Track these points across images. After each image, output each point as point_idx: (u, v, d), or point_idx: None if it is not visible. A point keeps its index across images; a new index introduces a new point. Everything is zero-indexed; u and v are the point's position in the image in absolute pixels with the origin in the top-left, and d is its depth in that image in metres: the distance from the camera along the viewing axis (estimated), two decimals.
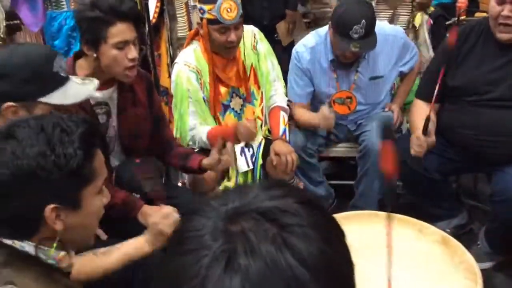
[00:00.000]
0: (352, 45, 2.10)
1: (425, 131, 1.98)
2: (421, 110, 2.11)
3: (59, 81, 1.36)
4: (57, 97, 1.34)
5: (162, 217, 1.49)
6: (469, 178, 2.66)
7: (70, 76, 1.41)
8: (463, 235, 2.33)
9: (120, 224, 1.76)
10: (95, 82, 1.45)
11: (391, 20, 2.56)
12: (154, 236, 1.45)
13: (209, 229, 0.54)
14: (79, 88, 1.40)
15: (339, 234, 0.59)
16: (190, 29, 2.86)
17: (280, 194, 0.57)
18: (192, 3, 2.79)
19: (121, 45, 1.63)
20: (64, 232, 0.98)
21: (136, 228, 1.75)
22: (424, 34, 2.75)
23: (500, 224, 2.04)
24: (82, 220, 1.00)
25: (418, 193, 2.34)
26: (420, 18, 2.69)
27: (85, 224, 1.03)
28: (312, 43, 2.35)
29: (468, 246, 2.16)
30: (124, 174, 1.83)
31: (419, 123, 2.03)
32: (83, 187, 0.98)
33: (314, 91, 2.39)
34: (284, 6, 3.33)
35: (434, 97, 1.94)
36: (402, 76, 2.46)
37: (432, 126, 2.01)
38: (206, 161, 1.86)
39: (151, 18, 2.70)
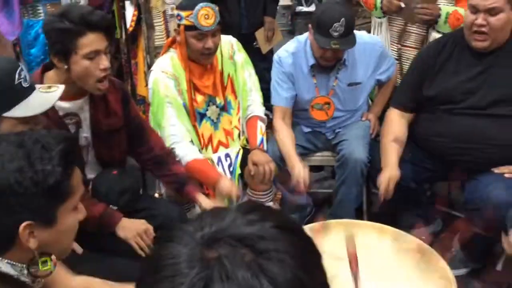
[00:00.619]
0: (332, 43, 2.13)
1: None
2: (392, 121, 2.16)
3: (22, 94, 1.34)
4: (21, 110, 1.33)
5: None
6: (443, 185, 2.71)
7: (35, 86, 1.40)
8: (438, 242, 2.38)
9: (97, 237, 1.74)
10: (61, 87, 1.43)
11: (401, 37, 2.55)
12: None
13: (185, 256, 0.53)
14: (44, 97, 1.38)
15: (316, 258, 0.59)
16: (167, 37, 2.85)
17: (257, 218, 0.56)
18: (169, 12, 2.79)
19: (93, 55, 1.61)
20: (38, 250, 0.97)
21: (113, 242, 1.74)
22: None
23: (474, 232, 2.08)
24: (56, 237, 0.99)
25: (393, 201, 2.38)
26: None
27: (59, 241, 1.01)
28: (293, 49, 2.37)
29: (443, 253, 2.22)
30: (101, 186, 1.81)
31: (388, 160, 2.10)
32: (59, 204, 0.97)
33: (296, 95, 2.41)
34: (263, 13, 3.36)
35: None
36: (380, 85, 2.50)
37: (392, 155, 2.09)
38: (201, 199, 1.91)
39: (128, 26, 2.69)
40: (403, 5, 2.37)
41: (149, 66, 2.92)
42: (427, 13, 2.32)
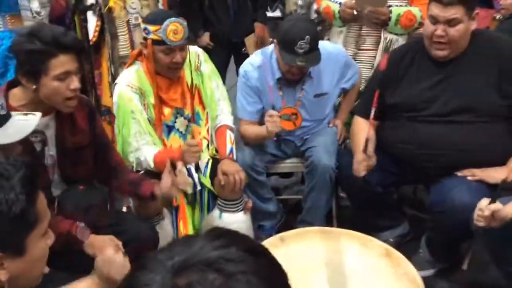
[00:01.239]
0: (298, 60, 2.16)
1: (365, 152, 2.06)
2: (361, 127, 2.20)
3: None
4: None
5: (108, 262, 1.42)
6: (409, 188, 2.78)
7: (12, 113, 1.37)
8: (406, 244, 2.44)
9: (64, 255, 1.70)
10: (38, 115, 1.41)
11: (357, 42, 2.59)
12: (103, 280, 1.40)
13: (157, 285, 0.55)
14: (21, 124, 1.36)
15: (282, 278, 0.62)
16: (132, 47, 2.81)
17: (224, 243, 0.59)
18: (133, 22, 2.75)
19: (63, 76, 1.58)
20: (10, 280, 0.94)
21: (81, 259, 1.70)
22: None
23: (439, 233, 2.14)
24: (27, 266, 0.97)
25: (362, 205, 2.43)
26: None
27: (31, 270, 0.99)
28: (258, 62, 2.39)
29: (410, 255, 2.28)
30: (67, 203, 1.77)
31: (360, 144, 2.11)
32: (28, 233, 0.95)
33: (263, 108, 2.42)
34: (253, 20, 3.41)
35: (371, 117, 2.03)
36: (345, 92, 2.55)
37: (371, 146, 2.09)
38: (158, 189, 1.84)
39: (91, 37, 2.64)
40: (355, 12, 2.43)
41: (113, 76, 2.88)
42: (374, 17, 2.40)
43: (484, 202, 1.67)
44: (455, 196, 1.92)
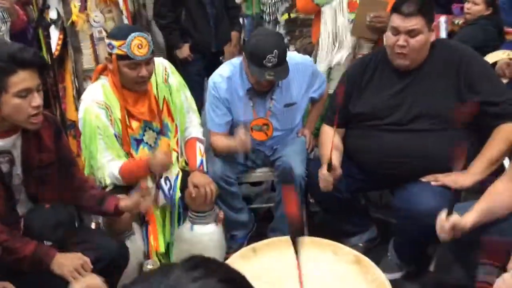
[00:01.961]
0: (267, 74, 2.18)
1: (329, 167, 2.11)
2: (328, 136, 2.24)
3: None
4: None
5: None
6: (375, 192, 2.84)
7: None
8: (374, 248, 2.49)
9: (32, 276, 1.67)
10: None
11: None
12: None
13: None
14: None
15: None
16: (96, 60, 2.79)
17: (202, 274, 0.59)
18: (97, 35, 2.72)
19: (24, 94, 1.55)
20: None
21: (50, 279, 1.67)
22: None
23: (406, 237, 2.20)
24: None
25: (330, 211, 2.47)
26: None
27: None
28: (227, 73, 2.39)
29: (379, 259, 2.34)
30: (33, 222, 1.73)
31: (325, 155, 2.16)
32: None
33: (232, 119, 2.44)
34: (229, 29, 3.46)
35: (335, 125, 2.09)
36: (313, 102, 2.59)
37: (336, 159, 2.14)
38: (123, 203, 1.82)
39: (53, 50, 2.60)
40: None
41: (78, 90, 2.84)
42: (380, 21, 2.44)
43: (443, 215, 1.73)
44: (419, 201, 1.98)
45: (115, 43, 2.00)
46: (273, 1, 4.04)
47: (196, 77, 3.28)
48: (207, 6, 3.28)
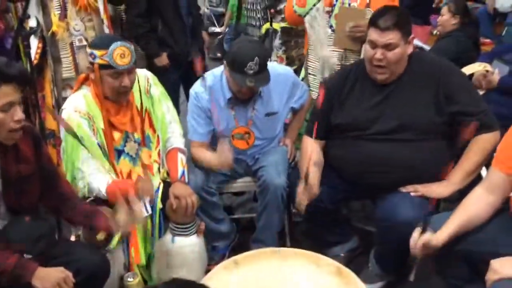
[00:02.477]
0: (248, 81, 2.20)
1: (306, 179, 2.13)
2: (308, 147, 2.26)
3: None
4: None
5: None
6: (357, 203, 2.86)
7: None
8: (356, 258, 2.51)
9: None
10: None
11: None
12: None
13: None
14: None
15: None
16: (76, 69, 2.75)
17: None
18: (77, 44, 2.70)
19: (6, 108, 1.54)
20: None
21: None
22: None
23: (386, 247, 2.23)
24: None
25: (313, 222, 2.48)
26: None
27: None
28: (209, 83, 2.40)
29: (360, 269, 2.36)
30: (13, 235, 1.70)
31: (303, 173, 2.17)
32: None
33: (214, 130, 2.44)
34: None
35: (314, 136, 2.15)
36: (294, 112, 2.61)
37: (313, 177, 2.16)
38: (113, 226, 1.81)
39: (32, 59, 2.56)
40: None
41: (57, 99, 2.81)
42: (359, 30, 2.45)
43: (415, 235, 1.77)
44: (399, 212, 2.01)
45: (97, 52, 1.98)
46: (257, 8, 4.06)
47: (172, 86, 3.28)
48: (184, 16, 3.30)
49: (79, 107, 2.06)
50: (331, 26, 2.62)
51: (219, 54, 5.96)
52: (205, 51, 3.85)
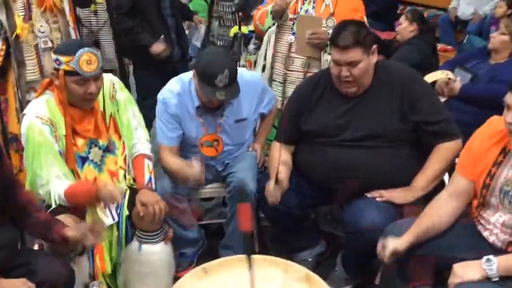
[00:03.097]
0: (218, 94, 2.18)
1: (276, 180, 2.15)
2: (276, 152, 2.28)
3: None
4: None
5: None
6: (325, 208, 2.89)
7: None
8: (323, 262, 2.54)
9: None
10: None
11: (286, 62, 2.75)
12: None
13: None
14: None
15: None
16: (41, 71, 2.68)
17: None
18: (42, 46, 2.62)
19: None
20: None
21: None
22: None
23: (353, 252, 2.26)
24: None
25: (281, 227, 2.49)
26: None
27: None
28: (177, 89, 2.38)
29: (327, 273, 2.38)
30: None
31: (273, 172, 2.20)
32: None
33: (184, 134, 2.42)
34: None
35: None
36: (262, 117, 2.62)
37: (283, 173, 2.18)
38: (70, 233, 1.77)
39: None
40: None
41: (21, 102, 2.73)
42: (317, 37, 2.54)
43: (379, 247, 1.84)
44: (365, 217, 2.04)
45: (62, 59, 1.94)
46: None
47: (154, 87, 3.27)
48: (167, 18, 3.30)
49: (41, 113, 2.00)
50: (294, 33, 2.66)
51: None
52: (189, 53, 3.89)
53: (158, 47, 3.27)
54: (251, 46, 3.73)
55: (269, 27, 2.75)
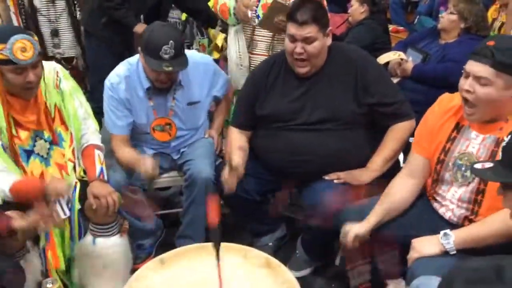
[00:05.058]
0: (165, 65, 2.13)
1: (231, 166, 2.11)
2: (234, 137, 2.25)
3: None
4: None
5: None
6: (284, 193, 2.87)
7: None
8: (284, 246, 2.54)
9: None
10: None
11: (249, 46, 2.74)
12: None
13: None
14: None
15: None
16: None
17: None
18: None
19: None
20: None
21: None
22: None
23: (312, 234, 2.27)
24: None
25: (240, 213, 2.47)
26: None
27: None
28: (125, 72, 2.29)
29: (288, 256, 2.39)
30: None
31: (228, 158, 2.16)
32: None
33: (133, 121, 2.33)
34: None
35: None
36: (217, 102, 2.56)
37: (238, 159, 2.15)
38: (17, 223, 1.66)
39: None
40: (249, 14, 2.59)
41: None
42: (285, 24, 2.41)
43: (342, 234, 1.85)
44: (323, 199, 2.04)
45: None
46: None
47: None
48: None
49: None
50: (258, 16, 2.62)
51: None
52: None
53: (141, 27, 3.13)
54: (217, 28, 3.65)
55: (233, 25, 2.72)
